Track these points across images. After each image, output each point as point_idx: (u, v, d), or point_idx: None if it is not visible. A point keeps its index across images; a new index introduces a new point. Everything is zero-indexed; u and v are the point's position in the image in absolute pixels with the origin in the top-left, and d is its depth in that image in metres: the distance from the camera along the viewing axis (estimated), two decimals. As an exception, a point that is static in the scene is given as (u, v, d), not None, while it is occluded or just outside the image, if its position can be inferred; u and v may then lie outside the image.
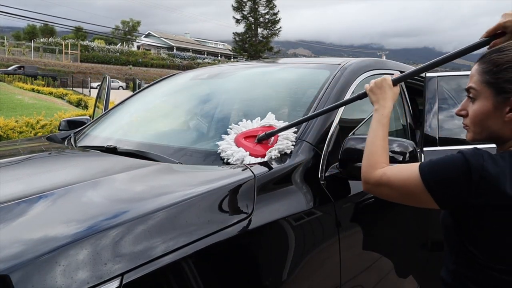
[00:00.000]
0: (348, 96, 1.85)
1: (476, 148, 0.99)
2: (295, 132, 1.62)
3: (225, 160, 1.59)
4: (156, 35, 69.10)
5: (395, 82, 1.30)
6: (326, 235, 1.55)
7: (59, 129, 2.94)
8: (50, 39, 49.15)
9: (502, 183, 0.91)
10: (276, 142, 1.57)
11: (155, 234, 1.08)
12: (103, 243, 1.00)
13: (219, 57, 65.97)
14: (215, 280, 1.18)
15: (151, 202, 1.18)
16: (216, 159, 1.71)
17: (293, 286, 1.38)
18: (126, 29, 64.58)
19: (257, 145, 1.61)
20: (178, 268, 1.07)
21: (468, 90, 1.09)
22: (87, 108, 14.78)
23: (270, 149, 1.55)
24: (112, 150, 1.85)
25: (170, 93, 2.66)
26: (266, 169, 1.47)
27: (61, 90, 23.41)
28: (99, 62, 44.32)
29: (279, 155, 1.55)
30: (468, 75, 2.42)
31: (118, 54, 47.97)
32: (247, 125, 1.70)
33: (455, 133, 2.18)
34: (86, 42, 49.53)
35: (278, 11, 39.97)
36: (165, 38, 67.53)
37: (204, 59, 57.56)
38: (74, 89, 29.98)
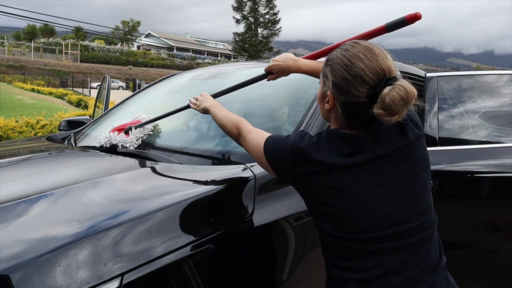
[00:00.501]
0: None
1: (301, 130, 1.20)
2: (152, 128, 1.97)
3: (97, 145, 1.93)
4: (156, 35, 69.12)
5: (214, 96, 1.67)
6: (326, 235, 1.54)
7: (59, 129, 2.94)
8: (50, 39, 49.16)
9: (309, 153, 1.06)
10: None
11: (155, 234, 1.08)
12: (103, 243, 1.00)
13: (219, 57, 65.99)
14: (215, 280, 1.18)
15: (151, 202, 1.18)
16: (216, 159, 1.71)
17: (293, 286, 1.38)
18: (126, 29, 64.59)
19: (123, 135, 1.94)
20: (178, 268, 1.07)
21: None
22: (87, 108, 14.78)
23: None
24: (112, 150, 1.85)
25: (170, 93, 2.66)
26: (266, 169, 1.47)
27: (61, 90, 23.43)
28: (99, 62, 44.31)
29: (127, 144, 1.86)
30: (468, 75, 2.42)
31: (118, 54, 47.97)
32: (121, 122, 2.08)
33: (455, 133, 2.18)
34: (86, 42, 49.51)
35: (278, 11, 39.98)
36: (165, 38, 67.55)
37: (204, 59, 57.55)
38: (74, 89, 29.99)
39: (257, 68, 2.66)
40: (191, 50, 63.77)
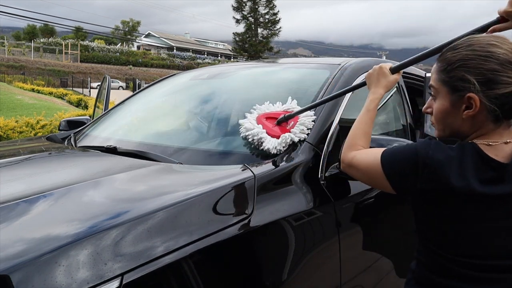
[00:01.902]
0: (348, 95, 1.85)
1: (428, 138, 1.06)
2: (313, 121, 1.67)
3: (242, 135, 1.68)
4: (156, 35, 69.11)
5: (393, 70, 1.33)
6: (326, 235, 1.55)
7: (59, 129, 2.94)
8: (50, 39, 49.16)
9: (446, 171, 0.95)
10: (293, 127, 1.63)
11: (155, 234, 1.08)
12: (103, 243, 1.00)
13: (219, 57, 65.98)
14: (215, 280, 1.18)
15: (151, 202, 1.18)
16: (216, 159, 1.71)
17: (293, 286, 1.38)
18: (126, 29, 64.58)
19: (276, 126, 1.66)
20: (178, 268, 1.07)
21: (430, 88, 1.12)
22: (87, 108, 14.78)
23: (286, 133, 1.61)
24: (112, 150, 1.86)
25: (170, 93, 2.66)
26: (266, 169, 1.47)
27: (61, 90, 23.43)
28: (99, 62, 44.31)
29: (289, 141, 1.60)
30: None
31: (118, 54, 47.97)
32: (269, 108, 1.76)
33: (455, 133, 2.18)
34: (86, 42, 49.52)
35: (278, 11, 39.98)
36: (165, 38, 67.54)
37: (204, 59, 57.55)
38: (74, 89, 30.00)
39: (258, 68, 2.67)
40: (191, 50, 63.77)
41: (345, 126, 1.79)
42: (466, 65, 0.98)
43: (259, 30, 40.17)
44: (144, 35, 70.26)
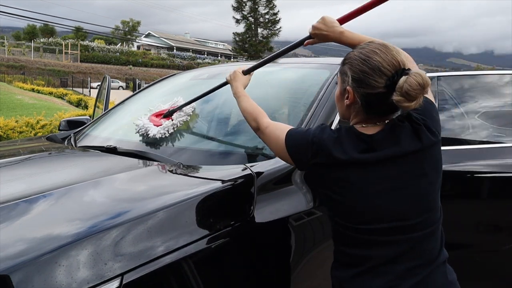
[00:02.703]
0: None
1: (322, 124, 1.27)
2: (193, 110, 2.04)
3: (135, 132, 2.00)
4: (156, 35, 69.10)
5: (245, 72, 1.69)
6: (326, 235, 1.55)
7: (59, 129, 2.94)
8: (50, 39, 49.13)
9: (328, 146, 1.14)
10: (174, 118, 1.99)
11: (155, 234, 1.08)
12: (103, 243, 1.00)
13: (219, 57, 65.98)
14: (215, 280, 1.18)
15: (151, 202, 1.18)
16: (216, 159, 1.71)
17: (293, 286, 1.38)
18: (126, 29, 64.59)
19: (162, 119, 2.02)
20: (178, 268, 1.08)
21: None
22: (87, 108, 14.78)
23: (167, 121, 1.97)
24: (112, 150, 1.86)
25: (170, 93, 2.65)
26: (266, 169, 1.47)
27: (61, 90, 23.42)
28: (99, 62, 44.31)
29: (171, 125, 1.94)
30: (468, 75, 2.42)
31: (118, 54, 47.95)
32: (159, 107, 2.13)
33: (455, 133, 2.18)
34: (86, 42, 49.50)
35: (278, 11, 39.96)
36: (165, 38, 67.54)
37: (204, 59, 57.54)
38: (74, 89, 29.99)
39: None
40: (191, 50, 63.76)
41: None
42: (350, 63, 1.17)
43: (259, 30, 40.16)
44: (144, 35, 70.26)
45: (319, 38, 1.45)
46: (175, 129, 1.95)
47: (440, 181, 1.20)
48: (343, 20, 1.44)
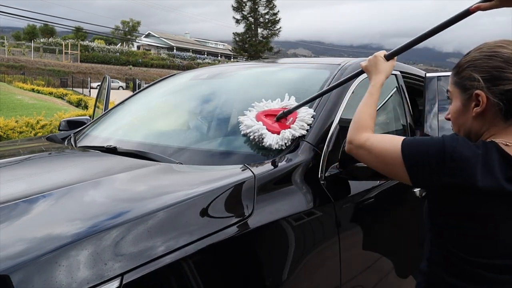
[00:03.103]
0: (348, 95, 1.85)
1: (455, 133, 1.10)
2: (313, 116, 1.70)
3: (242, 133, 1.70)
4: (156, 35, 69.09)
5: (388, 57, 1.39)
6: (326, 235, 1.55)
7: (59, 129, 2.94)
8: (50, 39, 49.14)
9: (471, 167, 0.95)
10: (293, 123, 1.66)
11: (155, 234, 1.08)
12: (103, 243, 1.00)
13: (219, 57, 65.96)
14: (215, 280, 1.18)
15: (151, 202, 1.18)
16: (216, 159, 1.71)
17: (293, 286, 1.38)
18: (126, 29, 64.57)
19: (275, 122, 1.70)
20: (178, 268, 1.07)
21: (447, 93, 1.18)
22: (87, 108, 14.78)
23: (286, 129, 1.64)
24: (112, 150, 1.86)
25: (170, 93, 2.66)
26: (266, 169, 1.47)
27: (61, 90, 23.42)
28: (99, 62, 44.30)
29: (291, 136, 1.63)
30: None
31: (118, 54, 47.95)
32: (268, 105, 1.79)
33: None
34: (86, 42, 49.49)
35: (278, 11, 39.97)
36: (165, 38, 67.53)
37: (204, 59, 57.54)
38: (74, 89, 29.99)
39: (258, 68, 2.67)
40: (191, 50, 63.77)
41: (345, 126, 1.79)
42: (473, 65, 1.04)
43: (259, 30, 40.15)
44: (144, 35, 70.24)
45: (501, 1, 1.08)
46: (294, 140, 1.63)
47: None
48: None
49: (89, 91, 29.02)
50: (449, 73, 2.31)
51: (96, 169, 1.64)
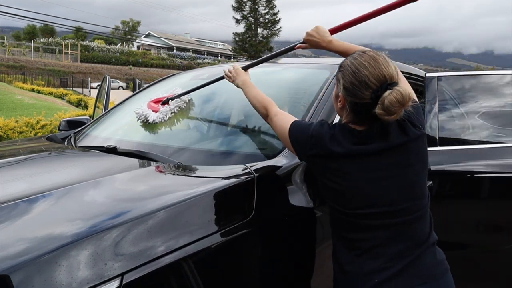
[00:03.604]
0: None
1: (322, 120, 1.39)
2: (189, 99, 2.13)
3: (136, 120, 2.10)
4: (156, 35, 69.09)
5: (244, 68, 1.83)
6: (326, 235, 1.55)
7: (59, 129, 2.94)
8: (50, 39, 49.12)
9: (324, 139, 1.27)
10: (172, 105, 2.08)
11: (155, 234, 1.08)
12: (103, 243, 1.00)
13: (219, 57, 65.96)
14: (215, 280, 1.18)
15: (151, 202, 1.18)
16: (216, 159, 1.71)
17: (293, 286, 1.38)
18: (126, 29, 64.57)
19: (159, 105, 2.11)
20: (178, 268, 1.08)
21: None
22: (87, 108, 14.78)
23: (165, 108, 2.06)
24: (112, 150, 1.85)
25: (170, 93, 2.65)
26: (266, 169, 1.47)
27: (61, 90, 23.41)
28: (99, 62, 44.29)
29: (169, 111, 2.05)
30: (468, 75, 2.42)
31: (118, 54, 47.94)
32: (158, 95, 2.23)
33: (456, 133, 2.18)
34: (86, 42, 49.48)
35: (278, 11, 39.96)
36: (165, 38, 67.53)
37: (204, 59, 57.53)
38: (74, 89, 29.98)
39: (258, 68, 2.66)
40: (191, 50, 63.76)
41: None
42: (343, 72, 1.29)
43: (259, 30, 40.16)
44: (144, 35, 70.22)
45: (310, 44, 1.64)
46: (173, 114, 2.04)
47: (427, 171, 1.33)
48: (334, 31, 1.64)
49: (89, 91, 29.01)
50: (449, 73, 2.31)
51: (96, 169, 1.64)
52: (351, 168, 1.25)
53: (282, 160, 1.55)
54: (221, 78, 1.90)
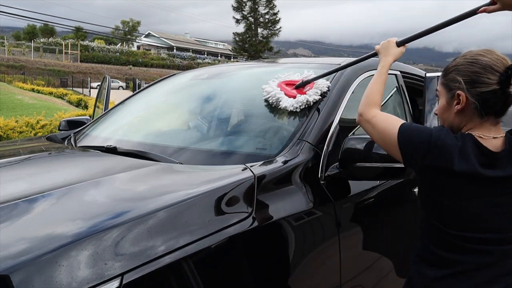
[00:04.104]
0: (348, 96, 1.85)
1: (442, 125, 1.29)
2: (328, 87, 1.85)
3: (263, 98, 1.92)
4: (156, 35, 69.08)
5: (399, 43, 1.56)
6: (326, 235, 1.55)
7: (59, 129, 2.94)
8: (50, 39, 49.11)
9: (450, 152, 1.15)
10: (309, 91, 1.85)
11: (155, 234, 1.08)
12: (103, 243, 1.00)
13: (219, 57, 65.95)
14: (215, 280, 1.18)
15: (151, 202, 1.18)
16: (217, 159, 1.71)
17: (293, 286, 1.38)
18: (126, 29, 64.55)
19: (294, 89, 1.88)
20: (178, 268, 1.07)
21: (436, 91, 1.37)
22: (87, 108, 14.77)
23: (302, 94, 1.83)
24: (112, 150, 1.85)
25: (170, 93, 2.66)
26: (266, 169, 1.47)
27: (61, 90, 23.40)
28: (99, 62, 44.27)
29: (305, 101, 1.80)
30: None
31: (118, 54, 47.92)
32: (289, 76, 1.98)
33: (455, 133, 2.18)
34: (86, 42, 49.46)
35: (278, 11, 39.97)
36: (165, 38, 67.52)
37: (204, 59, 57.51)
38: (74, 89, 29.97)
39: (258, 68, 2.66)
40: (191, 50, 63.75)
41: (345, 126, 1.79)
42: (457, 69, 1.22)
43: (259, 30, 40.16)
44: (144, 35, 70.20)
45: (503, 4, 1.25)
46: (308, 106, 1.80)
47: None
48: None
49: (89, 91, 29.01)
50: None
51: (96, 169, 1.64)
52: (469, 189, 1.16)
53: (282, 160, 1.55)
54: (374, 54, 1.64)
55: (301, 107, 1.79)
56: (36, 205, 1.18)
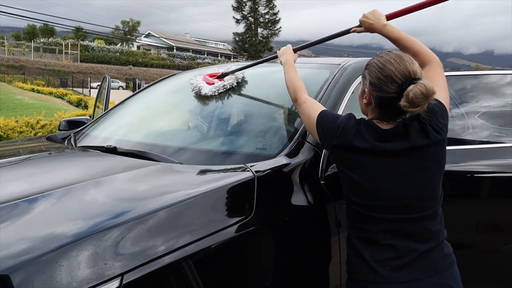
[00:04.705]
0: (348, 95, 1.85)
1: (350, 113, 1.43)
2: (243, 76, 2.14)
3: (191, 91, 2.18)
4: (156, 35, 69.07)
5: (294, 49, 1.85)
6: (326, 235, 1.55)
7: (59, 129, 2.94)
8: (50, 39, 49.10)
9: (349, 132, 1.33)
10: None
11: (155, 234, 1.08)
12: (103, 243, 1.00)
13: (219, 57, 65.96)
14: (215, 280, 1.18)
15: (151, 202, 1.18)
16: (217, 159, 1.71)
17: (293, 286, 1.39)
18: (126, 29, 64.55)
19: (215, 79, 2.16)
20: (178, 268, 1.08)
21: None
22: (87, 108, 14.77)
23: (220, 81, 2.11)
24: (112, 150, 1.85)
25: (170, 93, 2.66)
26: (266, 169, 1.47)
27: (61, 90, 23.40)
28: (99, 62, 44.26)
29: (222, 85, 2.08)
30: (468, 75, 2.42)
31: (118, 54, 47.91)
32: (213, 70, 2.27)
33: (456, 133, 2.18)
34: (86, 42, 49.46)
35: (278, 11, 39.98)
36: (165, 38, 67.52)
37: (204, 59, 57.50)
38: (74, 89, 29.96)
39: (258, 67, 2.66)
40: (191, 50, 63.74)
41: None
42: (369, 69, 1.36)
43: (259, 30, 40.17)
44: (144, 35, 70.18)
45: (365, 26, 1.64)
46: (225, 89, 2.08)
47: (442, 174, 1.38)
48: (390, 17, 1.64)
49: (89, 91, 29.00)
50: (449, 73, 2.31)
51: (96, 169, 1.64)
52: (371, 163, 1.32)
53: (282, 160, 1.55)
54: (275, 56, 1.92)
55: (219, 91, 2.08)
56: (36, 205, 1.18)
